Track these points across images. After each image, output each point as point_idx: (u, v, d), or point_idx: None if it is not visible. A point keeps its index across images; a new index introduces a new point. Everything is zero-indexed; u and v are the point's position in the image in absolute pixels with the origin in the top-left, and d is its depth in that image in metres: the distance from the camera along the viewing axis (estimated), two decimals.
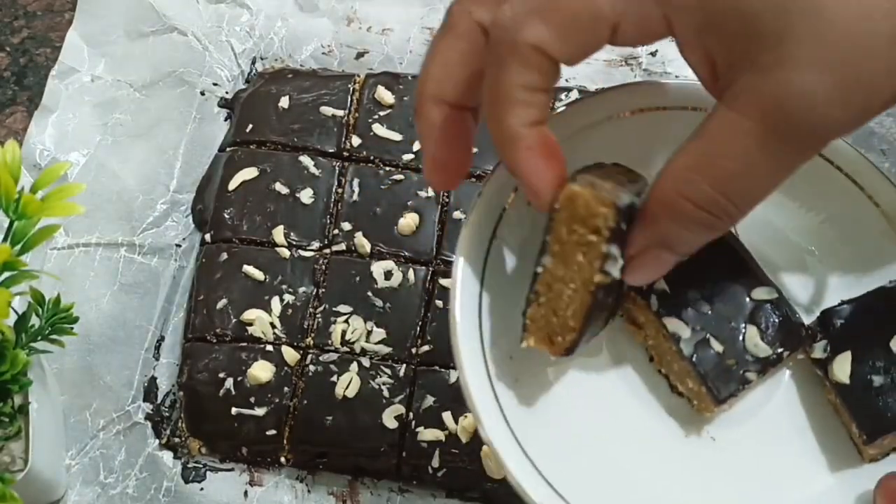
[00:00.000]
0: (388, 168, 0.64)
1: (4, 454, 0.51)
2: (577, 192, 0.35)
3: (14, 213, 0.47)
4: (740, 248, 0.45)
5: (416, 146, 0.64)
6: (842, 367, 0.43)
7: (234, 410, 0.57)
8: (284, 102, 0.66)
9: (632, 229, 0.36)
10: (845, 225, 0.47)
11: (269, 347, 0.58)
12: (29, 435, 0.51)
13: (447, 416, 0.56)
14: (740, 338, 0.43)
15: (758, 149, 0.32)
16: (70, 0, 0.74)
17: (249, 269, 0.60)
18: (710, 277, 0.44)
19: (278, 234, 0.62)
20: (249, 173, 0.64)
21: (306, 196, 0.63)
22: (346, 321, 0.59)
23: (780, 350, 0.43)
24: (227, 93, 0.70)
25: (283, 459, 0.57)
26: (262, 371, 0.57)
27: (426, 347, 0.58)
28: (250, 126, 0.66)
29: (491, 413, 0.40)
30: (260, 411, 0.57)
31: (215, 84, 0.70)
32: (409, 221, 0.61)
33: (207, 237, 0.63)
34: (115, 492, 0.57)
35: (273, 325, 0.59)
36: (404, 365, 0.58)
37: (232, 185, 0.63)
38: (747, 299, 0.44)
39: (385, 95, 0.66)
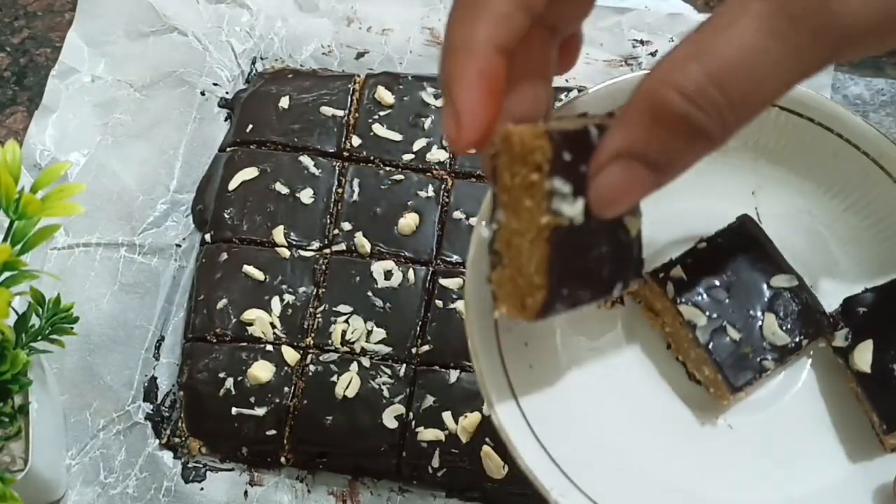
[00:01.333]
0: (388, 168, 0.64)
1: (4, 454, 0.51)
2: (510, 130, 0.32)
3: (14, 213, 0.47)
4: (762, 235, 0.45)
5: (417, 146, 0.64)
6: (863, 356, 0.42)
7: (234, 410, 0.57)
8: (284, 102, 0.66)
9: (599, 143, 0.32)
10: (869, 211, 0.46)
11: (269, 347, 0.58)
12: (29, 435, 0.51)
13: (447, 416, 0.56)
14: (758, 326, 0.43)
15: (763, 34, 0.28)
16: (70, 0, 0.74)
17: (249, 269, 0.60)
18: (728, 265, 0.44)
19: (278, 234, 0.62)
20: (249, 173, 0.64)
21: (306, 196, 0.63)
22: (346, 321, 0.59)
23: (798, 338, 0.43)
24: (227, 93, 0.70)
25: (283, 459, 0.57)
26: (262, 371, 0.57)
27: (426, 347, 0.58)
28: (250, 126, 0.66)
29: (504, 400, 0.40)
30: (260, 411, 0.57)
31: (215, 84, 0.70)
32: (409, 221, 0.61)
33: (207, 237, 0.63)
34: (115, 492, 0.57)
35: (273, 325, 0.59)
36: (404, 365, 0.58)
37: (232, 185, 0.63)
38: (766, 287, 0.44)
39: (385, 95, 0.66)
